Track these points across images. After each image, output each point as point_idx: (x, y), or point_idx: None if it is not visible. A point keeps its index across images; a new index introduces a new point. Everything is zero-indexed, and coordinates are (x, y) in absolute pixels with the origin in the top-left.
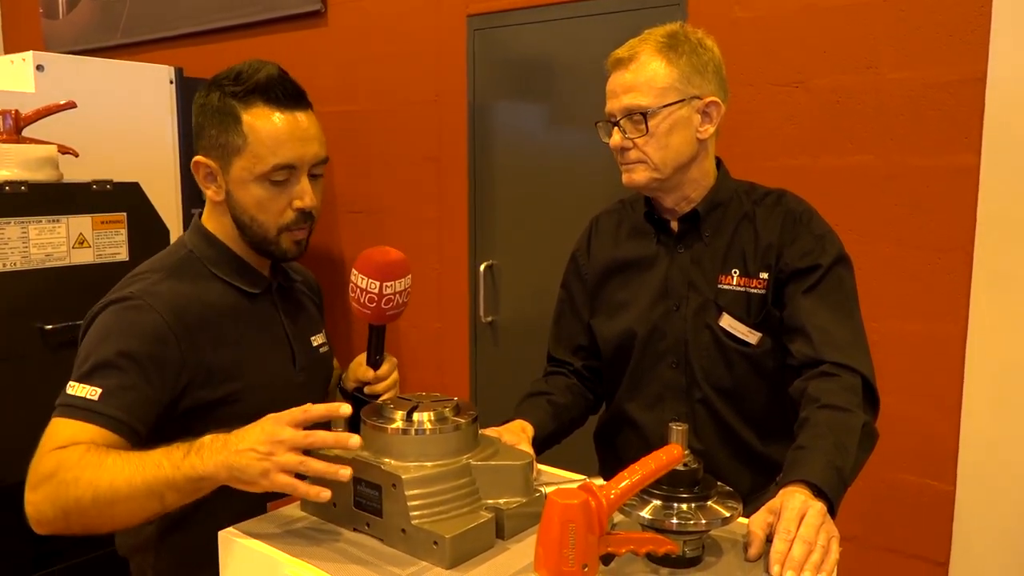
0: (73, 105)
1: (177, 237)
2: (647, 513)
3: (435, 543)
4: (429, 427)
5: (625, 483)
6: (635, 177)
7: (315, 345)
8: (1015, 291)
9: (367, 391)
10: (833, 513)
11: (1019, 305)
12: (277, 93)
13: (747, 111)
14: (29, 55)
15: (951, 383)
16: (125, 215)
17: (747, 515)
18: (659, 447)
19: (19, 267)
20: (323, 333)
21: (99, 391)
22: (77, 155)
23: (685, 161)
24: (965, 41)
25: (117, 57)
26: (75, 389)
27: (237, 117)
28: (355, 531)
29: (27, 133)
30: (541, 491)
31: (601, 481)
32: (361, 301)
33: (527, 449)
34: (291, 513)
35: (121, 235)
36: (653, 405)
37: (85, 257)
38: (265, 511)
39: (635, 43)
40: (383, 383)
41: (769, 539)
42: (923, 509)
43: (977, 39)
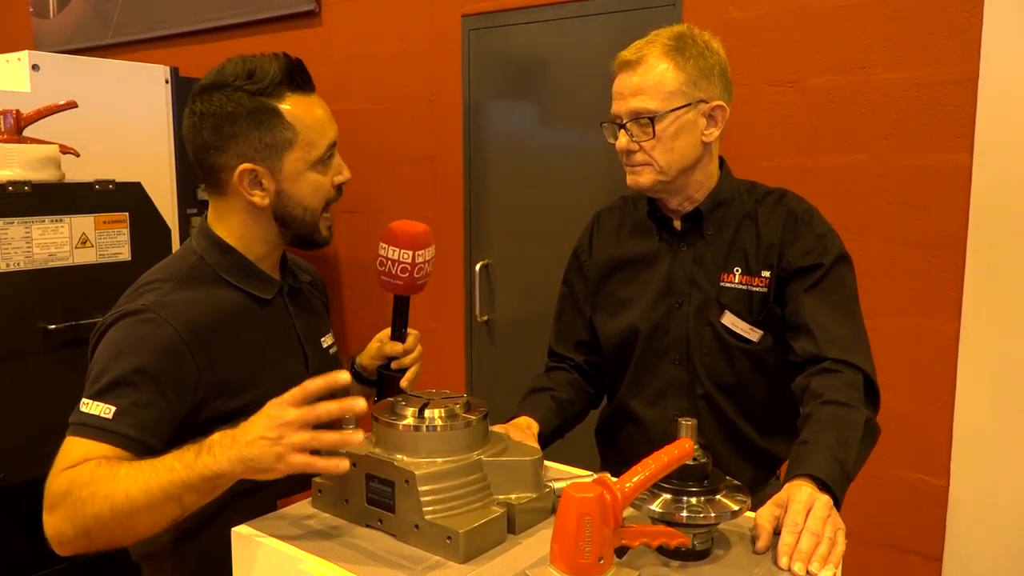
0: (74, 105)
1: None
2: (657, 507)
3: (449, 538)
4: (440, 424)
5: (639, 477)
6: (640, 180)
7: (325, 347)
8: (1007, 288)
9: (394, 365)
10: (838, 506)
11: (1011, 302)
12: (300, 79)
13: (742, 111)
14: (25, 55)
15: (945, 379)
16: (127, 215)
17: (750, 509)
18: (661, 442)
19: (22, 267)
20: (331, 334)
21: (113, 409)
22: (78, 155)
23: (690, 164)
24: (957, 42)
25: (109, 56)
26: (89, 407)
27: (277, 112)
28: (368, 527)
29: (24, 133)
30: (551, 486)
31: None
32: (393, 272)
33: (534, 445)
34: (303, 511)
35: (123, 235)
36: (655, 401)
37: (88, 257)
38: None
39: (642, 45)
40: (411, 355)
41: (777, 532)
42: (917, 504)
43: (969, 40)
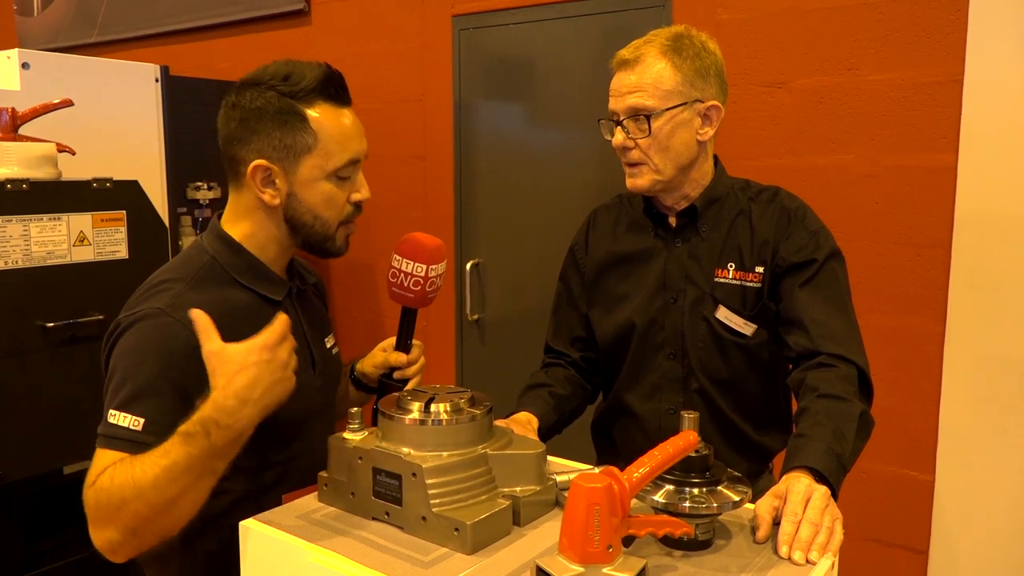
0: (70, 103)
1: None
2: (661, 497)
3: (456, 529)
4: (446, 417)
5: (645, 468)
6: (638, 182)
7: (328, 347)
8: (992, 286)
9: (397, 376)
10: (835, 497)
11: (996, 299)
12: (334, 90)
13: (730, 111)
14: (15, 52)
15: (930, 376)
16: (125, 213)
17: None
18: (656, 436)
19: (20, 265)
20: (332, 335)
21: (142, 420)
22: (74, 153)
23: (686, 163)
24: (943, 44)
25: (95, 55)
26: (117, 418)
27: (302, 116)
28: (374, 520)
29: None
30: (554, 479)
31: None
32: (405, 285)
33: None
34: (309, 504)
35: (121, 233)
36: (651, 395)
37: (85, 255)
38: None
39: (640, 44)
40: (414, 367)
41: (776, 522)
42: (903, 499)
43: (954, 42)
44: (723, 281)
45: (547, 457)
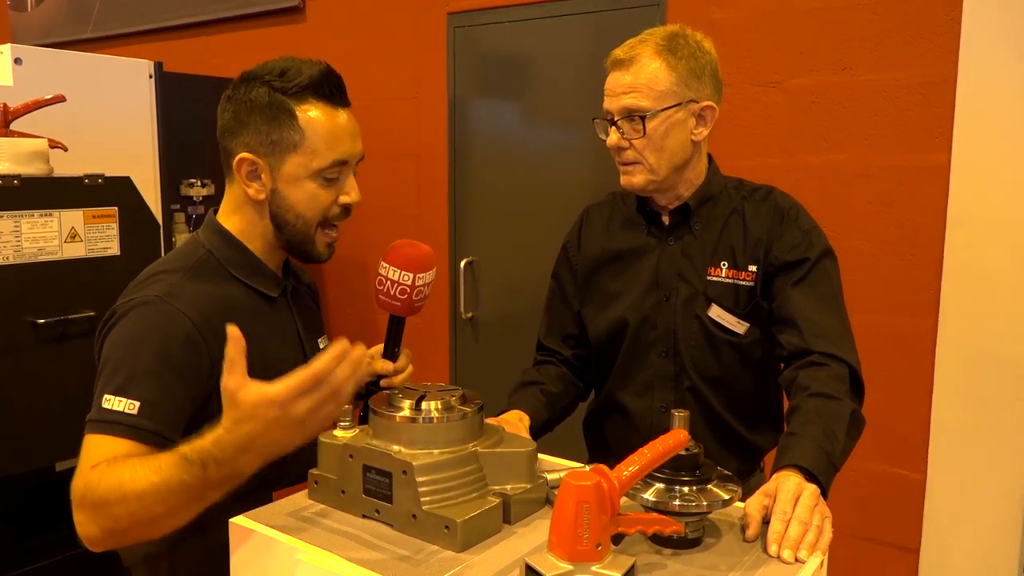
0: (62, 99)
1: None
2: (651, 495)
3: (446, 527)
4: (437, 415)
5: (635, 466)
6: (633, 181)
7: (321, 348)
8: (984, 285)
9: (383, 384)
10: (825, 496)
11: (987, 298)
12: (329, 90)
13: (724, 110)
14: (7, 48)
15: (922, 375)
16: (116, 209)
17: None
18: (647, 434)
19: (11, 261)
20: (326, 335)
21: (137, 404)
22: (66, 149)
23: (680, 163)
24: (936, 44)
25: (89, 51)
26: (111, 403)
27: (291, 113)
28: (364, 517)
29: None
30: (544, 477)
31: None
32: (392, 293)
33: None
34: (299, 501)
35: (113, 229)
36: (643, 393)
37: (77, 251)
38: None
39: (635, 43)
40: (401, 375)
41: (766, 520)
42: (894, 497)
43: (947, 42)
44: (716, 280)
45: (538, 455)
